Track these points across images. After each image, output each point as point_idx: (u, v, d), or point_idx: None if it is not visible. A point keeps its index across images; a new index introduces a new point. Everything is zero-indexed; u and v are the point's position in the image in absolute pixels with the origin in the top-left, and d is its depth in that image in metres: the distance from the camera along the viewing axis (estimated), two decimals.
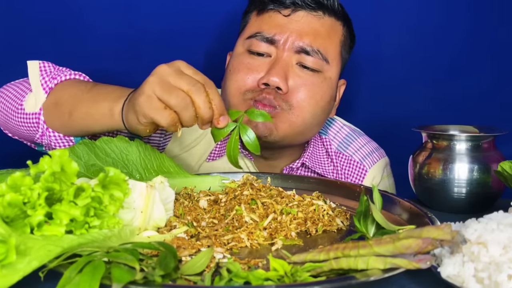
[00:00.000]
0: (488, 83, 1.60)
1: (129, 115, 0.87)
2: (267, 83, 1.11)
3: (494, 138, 1.09)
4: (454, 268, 0.65)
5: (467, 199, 1.07)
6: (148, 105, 0.81)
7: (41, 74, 1.05)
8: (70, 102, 0.99)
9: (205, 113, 0.83)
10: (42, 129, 1.03)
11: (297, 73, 1.14)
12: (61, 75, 1.05)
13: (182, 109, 0.81)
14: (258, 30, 1.16)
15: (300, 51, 1.13)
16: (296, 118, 1.14)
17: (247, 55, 1.16)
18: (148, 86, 0.82)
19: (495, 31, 1.58)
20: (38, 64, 1.06)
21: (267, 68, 1.13)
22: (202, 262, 0.67)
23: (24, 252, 0.61)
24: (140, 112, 0.82)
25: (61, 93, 1.02)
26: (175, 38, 1.53)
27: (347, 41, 1.22)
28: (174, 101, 0.80)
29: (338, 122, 1.37)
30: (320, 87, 1.15)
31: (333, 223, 0.87)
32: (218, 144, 1.25)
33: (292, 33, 1.13)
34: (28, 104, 1.03)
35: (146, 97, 0.81)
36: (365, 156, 1.33)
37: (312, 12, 1.15)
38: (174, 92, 0.81)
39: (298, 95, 1.13)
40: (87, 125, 0.96)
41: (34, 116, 1.03)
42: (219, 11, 1.53)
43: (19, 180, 0.65)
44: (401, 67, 1.61)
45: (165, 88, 0.81)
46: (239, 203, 0.87)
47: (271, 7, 1.16)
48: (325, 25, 1.16)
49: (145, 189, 0.77)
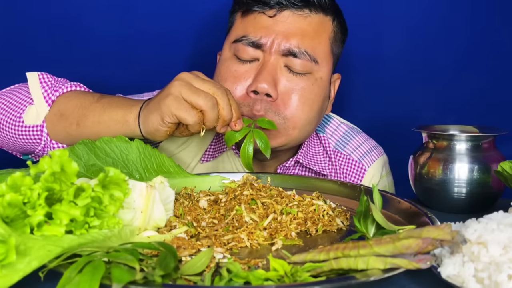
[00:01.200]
0: (488, 83, 1.60)
1: (150, 118, 0.91)
2: (256, 90, 1.09)
3: (494, 138, 1.09)
4: (454, 268, 0.65)
5: (467, 199, 1.07)
6: (176, 105, 0.88)
7: (42, 86, 1.05)
8: (77, 112, 1.00)
9: (228, 114, 0.92)
10: (45, 142, 1.03)
11: (286, 76, 1.11)
12: (62, 87, 1.05)
13: (209, 109, 0.89)
14: (243, 33, 1.13)
15: (288, 54, 1.10)
16: (292, 130, 1.13)
17: (234, 60, 1.13)
18: (175, 88, 0.89)
19: (496, 31, 1.58)
20: (38, 75, 1.06)
21: (254, 74, 1.11)
22: (202, 262, 0.67)
23: (24, 252, 0.60)
24: (167, 112, 0.89)
25: (66, 105, 1.03)
26: (173, 39, 1.54)
27: (337, 36, 1.18)
28: (202, 101, 0.88)
29: (336, 120, 1.36)
30: (311, 89, 1.13)
31: (333, 223, 0.87)
32: (212, 145, 1.25)
33: (278, 35, 1.10)
34: (28, 116, 1.03)
35: (174, 97, 0.88)
36: (364, 154, 1.32)
37: (298, 11, 1.11)
38: (201, 94, 0.89)
39: (290, 104, 1.11)
40: (97, 133, 0.97)
41: (36, 129, 1.03)
42: (218, 11, 1.53)
43: (19, 180, 0.65)
44: (401, 67, 1.61)
45: (192, 90, 0.88)
46: (239, 203, 0.87)
47: (256, 8, 1.13)
48: (312, 24, 1.12)
49: (145, 189, 0.77)
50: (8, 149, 1.13)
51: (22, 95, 1.07)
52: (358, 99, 1.63)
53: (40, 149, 1.05)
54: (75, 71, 1.10)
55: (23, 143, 1.06)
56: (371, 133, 1.43)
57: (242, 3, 1.15)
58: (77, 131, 1.00)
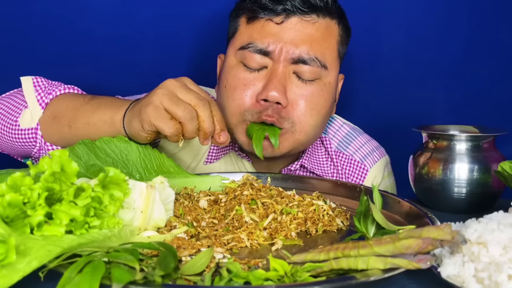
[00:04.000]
0: (488, 83, 1.60)
1: (133, 123, 0.92)
2: (266, 99, 1.07)
3: (494, 138, 1.09)
4: (454, 268, 0.65)
5: (467, 199, 1.07)
6: (155, 115, 0.87)
7: (35, 90, 1.07)
8: (69, 114, 1.02)
9: (209, 127, 0.90)
10: (40, 144, 1.05)
11: (295, 83, 1.10)
12: (56, 90, 1.07)
13: (187, 121, 0.88)
14: (250, 40, 1.10)
15: (297, 61, 1.09)
16: (299, 134, 1.12)
17: (241, 68, 1.11)
18: (156, 97, 0.88)
19: (496, 31, 1.58)
20: (32, 79, 1.09)
21: (263, 81, 1.09)
22: (202, 262, 0.67)
23: (24, 252, 0.60)
24: (146, 121, 0.88)
25: (59, 107, 1.04)
26: (174, 40, 1.54)
27: (343, 38, 1.18)
28: (181, 113, 0.87)
29: (338, 121, 1.35)
30: (320, 95, 1.12)
31: (333, 223, 0.87)
32: (215, 147, 1.24)
33: (286, 43, 1.08)
34: (24, 120, 1.05)
35: (154, 107, 0.87)
36: (366, 155, 1.31)
37: (305, 17, 1.09)
38: (181, 105, 0.87)
39: (298, 109, 1.10)
40: (88, 134, 0.98)
41: (31, 131, 1.05)
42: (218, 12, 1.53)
43: (19, 180, 0.65)
44: (401, 67, 1.61)
45: (173, 100, 0.87)
46: (239, 203, 0.87)
47: (262, 15, 1.10)
48: (320, 29, 1.11)
49: (145, 189, 0.77)
50: (9, 153, 1.15)
51: (19, 99, 1.09)
52: (358, 99, 1.63)
53: (35, 151, 1.07)
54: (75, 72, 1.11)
55: (20, 146, 1.07)
56: (371, 133, 1.43)
57: (247, 9, 1.12)
58: (69, 133, 1.01)
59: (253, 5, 1.11)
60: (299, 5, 1.08)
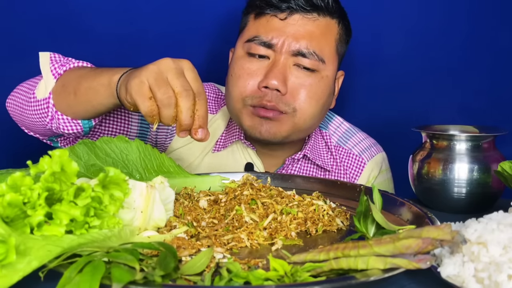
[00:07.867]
0: (488, 83, 1.60)
1: (121, 89, 0.91)
2: (267, 86, 1.17)
3: (494, 138, 1.09)
4: (454, 268, 0.65)
5: (467, 199, 1.07)
6: (137, 89, 0.84)
7: (51, 62, 1.10)
8: (75, 82, 1.03)
9: (185, 119, 0.84)
10: (51, 113, 1.06)
11: (295, 74, 1.19)
12: (70, 63, 1.10)
13: (164, 106, 0.84)
14: (256, 34, 1.21)
15: (297, 54, 1.18)
16: (299, 120, 1.21)
17: (246, 58, 1.22)
18: (145, 72, 0.85)
19: (496, 31, 1.58)
20: (49, 54, 1.12)
21: (265, 71, 1.19)
22: (202, 262, 0.67)
23: (24, 252, 0.60)
24: (129, 92, 0.86)
25: (68, 77, 1.06)
26: (176, 36, 1.54)
27: (342, 37, 1.26)
28: (160, 96, 0.83)
29: (338, 119, 1.43)
30: (318, 86, 1.21)
31: (333, 223, 0.87)
32: (223, 135, 1.32)
33: (288, 36, 1.18)
34: (39, 91, 1.08)
35: (139, 81, 0.85)
36: (364, 149, 1.39)
37: (307, 14, 1.19)
38: (163, 88, 0.83)
39: (298, 97, 1.19)
40: (89, 100, 1.00)
41: (45, 101, 1.06)
42: (220, 9, 1.53)
43: (19, 180, 0.65)
44: (401, 67, 1.61)
45: (158, 81, 0.84)
46: (239, 203, 0.87)
47: (268, 11, 1.21)
48: (320, 27, 1.20)
49: (145, 189, 0.77)
50: (35, 133, 1.17)
51: (37, 79, 1.13)
52: (358, 99, 1.63)
53: (48, 121, 1.07)
54: None
55: (37, 119, 1.09)
56: (371, 133, 1.44)
57: (256, 6, 1.23)
58: (75, 100, 1.02)
59: (261, 2, 1.22)
60: (302, 4, 1.19)
